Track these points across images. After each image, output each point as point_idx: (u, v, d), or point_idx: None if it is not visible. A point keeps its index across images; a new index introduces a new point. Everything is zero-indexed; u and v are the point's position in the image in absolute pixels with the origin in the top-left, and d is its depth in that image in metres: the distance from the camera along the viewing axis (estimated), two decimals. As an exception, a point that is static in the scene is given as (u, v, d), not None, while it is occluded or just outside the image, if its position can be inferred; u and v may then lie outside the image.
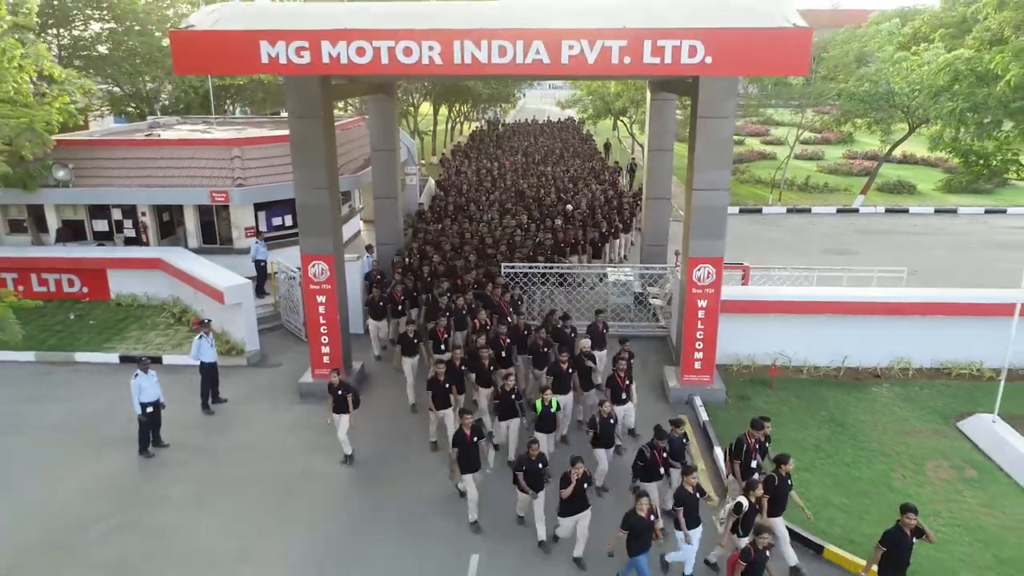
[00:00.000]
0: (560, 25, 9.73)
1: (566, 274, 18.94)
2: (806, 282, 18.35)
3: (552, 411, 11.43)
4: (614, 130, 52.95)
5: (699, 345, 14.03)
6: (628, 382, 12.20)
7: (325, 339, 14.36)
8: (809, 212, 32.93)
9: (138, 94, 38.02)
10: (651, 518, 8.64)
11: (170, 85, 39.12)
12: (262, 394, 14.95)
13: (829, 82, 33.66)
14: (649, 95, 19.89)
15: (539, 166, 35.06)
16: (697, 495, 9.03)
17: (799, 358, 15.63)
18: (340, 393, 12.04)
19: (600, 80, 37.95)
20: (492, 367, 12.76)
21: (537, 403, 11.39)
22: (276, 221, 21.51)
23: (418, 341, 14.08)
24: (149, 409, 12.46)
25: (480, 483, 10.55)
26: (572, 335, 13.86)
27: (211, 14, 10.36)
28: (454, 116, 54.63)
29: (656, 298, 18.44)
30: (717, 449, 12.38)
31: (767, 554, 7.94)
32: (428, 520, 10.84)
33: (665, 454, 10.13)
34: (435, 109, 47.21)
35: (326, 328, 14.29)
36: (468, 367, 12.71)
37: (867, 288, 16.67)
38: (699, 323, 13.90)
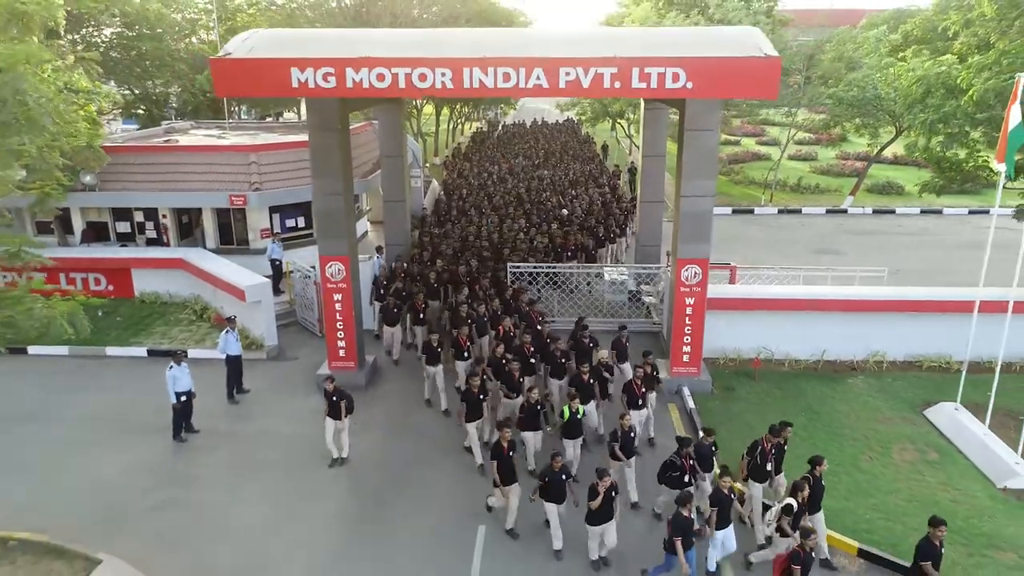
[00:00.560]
0: (557, 52, 10.87)
1: (561, 274, 19.99)
2: (793, 281, 19.52)
3: (579, 418, 11.83)
4: (612, 131, 53.98)
5: (687, 339, 15.17)
6: (645, 390, 12.62)
7: (341, 334, 15.51)
8: (799, 213, 34.06)
9: (147, 97, 39.06)
10: (693, 517, 9.28)
11: (178, 88, 40.26)
12: (282, 385, 16.10)
13: (820, 86, 34.75)
14: (643, 105, 21.02)
15: (539, 169, 35.77)
16: (732, 496, 9.61)
17: (781, 352, 16.77)
18: (335, 399, 12.53)
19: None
20: (521, 378, 13.02)
21: (564, 409, 11.79)
22: (289, 223, 22.67)
23: (441, 349, 14.43)
24: (183, 398, 13.63)
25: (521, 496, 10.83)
26: (592, 345, 14.18)
27: (245, 41, 11.52)
28: (455, 117, 55.68)
29: (650, 296, 19.59)
30: (701, 434, 13.52)
31: (814, 555, 8.53)
32: (441, 499, 12.00)
33: (692, 461, 10.63)
34: (437, 111, 48.29)
35: (342, 323, 15.43)
36: (496, 377, 13.00)
37: (845, 286, 17.83)
38: (687, 319, 15.05)
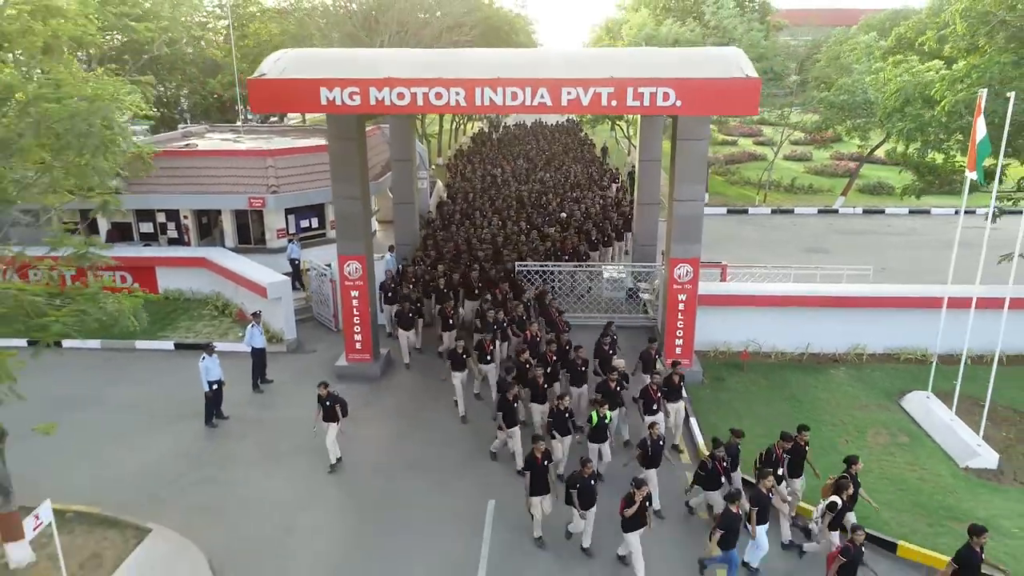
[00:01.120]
0: (559, 73, 12.07)
1: (563, 272, 21.09)
2: (784, 279, 20.69)
3: (606, 423, 12.32)
4: (612, 131, 55.03)
5: (679, 333, 16.33)
6: (660, 394, 13.05)
7: (357, 328, 16.68)
8: (792, 213, 35.22)
9: (159, 99, 40.23)
10: (741, 514, 10.00)
11: (187, 90, 41.44)
12: (302, 376, 17.26)
13: (814, 90, 35.92)
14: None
15: (541, 171, 36.32)
16: (770, 496, 10.25)
17: (768, 344, 17.93)
18: (328, 404, 13.00)
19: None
20: (547, 385, 13.53)
21: (593, 415, 12.26)
22: (304, 223, 23.85)
23: (466, 356, 14.89)
24: (214, 386, 14.81)
25: (550, 504, 11.31)
26: (611, 353, 14.70)
27: (278, 62, 12.71)
28: (458, 116, 56.72)
29: (646, 292, 20.74)
30: (692, 420, 14.74)
31: (863, 549, 9.16)
32: (453, 478, 13.18)
33: (725, 464, 11.15)
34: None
35: (358, 318, 16.61)
36: (521, 383, 13.42)
37: (828, 284, 19.00)
38: (679, 314, 16.21)
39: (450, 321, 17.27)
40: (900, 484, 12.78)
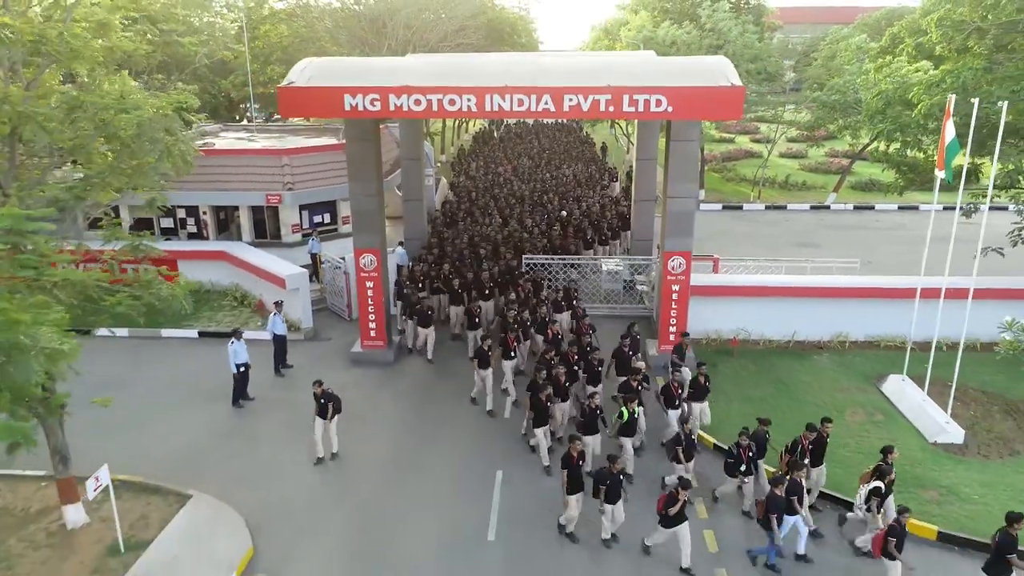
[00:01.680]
0: (559, 80, 13.26)
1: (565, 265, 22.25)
2: (774, 271, 21.84)
3: (636, 418, 13.18)
4: (611, 129, 56.13)
5: (673, 321, 17.49)
6: (681, 391, 14.01)
7: (372, 316, 17.86)
8: (785, 209, 36.35)
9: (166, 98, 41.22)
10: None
11: (197, 88, 42.41)
12: (320, 361, 18.43)
13: (807, 90, 37.05)
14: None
15: (542, 170, 37.15)
16: (803, 484, 10.99)
17: (757, 332, 19.08)
18: (323, 402, 13.61)
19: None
20: (568, 383, 14.20)
21: (623, 411, 13.04)
22: (317, 219, 25.00)
23: (491, 352, 15.48)
24: (242, 369, 16.00)
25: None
26: (630, 353, 15.26)
27: (304, 71, 13.88)
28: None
29: (642, 284, 21.90)
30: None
31: (907, 529, 10.13)
32: (463, 451, 14.39)
33: (751, 453, 11.87)
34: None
35: (373, 307, 17.78)
36: (551, 383, 13.80)
37: (814, 275, 20.18)
38: (673, 304, 17.37)
39: (475, 320, 17.87)
40: (873, 458, 13.69)
